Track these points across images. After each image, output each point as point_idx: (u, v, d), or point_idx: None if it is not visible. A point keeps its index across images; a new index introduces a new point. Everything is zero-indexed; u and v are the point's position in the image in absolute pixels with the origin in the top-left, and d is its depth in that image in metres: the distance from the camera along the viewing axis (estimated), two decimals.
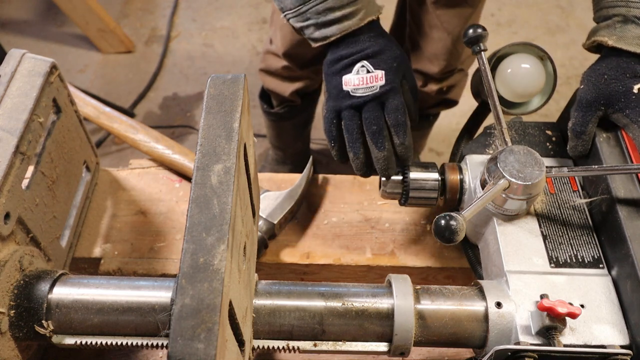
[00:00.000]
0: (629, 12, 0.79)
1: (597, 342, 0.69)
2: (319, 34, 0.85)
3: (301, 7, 0.84)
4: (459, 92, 1.61)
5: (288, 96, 1.62)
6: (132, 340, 0.69)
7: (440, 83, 1.51)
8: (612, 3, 0.81)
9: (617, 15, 0.80)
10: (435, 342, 0.73)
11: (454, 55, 1.41)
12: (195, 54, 2.63)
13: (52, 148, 0.84)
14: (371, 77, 0.83)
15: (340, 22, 0.83)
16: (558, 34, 2.74)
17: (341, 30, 0.83)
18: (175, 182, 1.07)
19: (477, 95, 0.94)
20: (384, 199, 0.89)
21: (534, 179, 0.75)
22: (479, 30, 0.86)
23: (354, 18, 0.83)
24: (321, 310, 0.71)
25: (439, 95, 1.56)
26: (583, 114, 0.82)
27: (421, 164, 0.88)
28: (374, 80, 0.82)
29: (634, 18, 0.79)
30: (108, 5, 2.70)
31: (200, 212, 0.57)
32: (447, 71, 1.46)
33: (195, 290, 0.52)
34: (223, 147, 0.62)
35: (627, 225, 0.73)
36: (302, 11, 0.84)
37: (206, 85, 0.67)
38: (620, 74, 0.79)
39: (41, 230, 0.79)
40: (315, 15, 0.83)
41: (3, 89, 0.76)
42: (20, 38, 2.65)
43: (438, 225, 0.69)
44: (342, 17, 0.83)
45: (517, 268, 0.75)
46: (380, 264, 0.97)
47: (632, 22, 0.79)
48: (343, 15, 0.82)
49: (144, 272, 0.95)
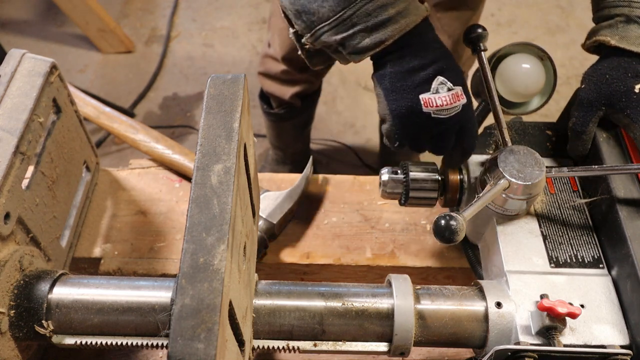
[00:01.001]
0: (632, 12, 0.79)
1: (597, 342, 0.69)
2: (370, 41, 0.71)
3: (345, 11, 0.70)
4: None
5: (288, 99, 1.62)
6: (132, 340, 0.69)
7: None
8: (614, 3, 0.81)
9: (620, 15, 0.80)
10: (435, 342, 0.73)
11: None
12: (195, 54, 2.63)
13: (52, 148, 0.84)
14: (454, 96, 0.72)
15: (396, 21, 0.70)
16: (558, 34, 2.74)
17: (400, 30, 0.70)
18: (175, 182, 1.07)
19: (477, 95, 0.94)
20: (384, 199, 0.89)
21: (534, 179, 0.75)
22: (478, 30, 0.86)
23: (410, 15, 0.71)
24: (321, 310, 0.71)
25: None
26: (584, 113, 0.82)
27: (421, 164, 0.88)
28: (456, 99, 0.72)
29: (636, 18, 0.79)
30: (108, 5, 2.70)
31: (200, 212, 0.57)
32: None
33: (195, 290, 0.52)
34: (223, 147, 0.62)
35: (627, 225, 0.73)
36: (345, 17, 0.70)
37: (206, 85, 0.67)
38: (622, 74, 0.79)
39: (41, 230, 0.79)
40: (364, 17, 0.70)
41: (3, 89, 0.76)
42: (20, 38, 2.65)
43: (438, 225, 0.69)
44: (397, 15, 0.70)
45: (517, 268, 0.75)
46: (380, 264, 0.97)
47: (635, 22, 0.79)
48: (398, 12, 0.70)
49: (144, 272, 0.95)
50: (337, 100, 2.46)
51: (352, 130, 2.35)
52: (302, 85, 1.59)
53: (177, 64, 2.59)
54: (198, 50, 2.64)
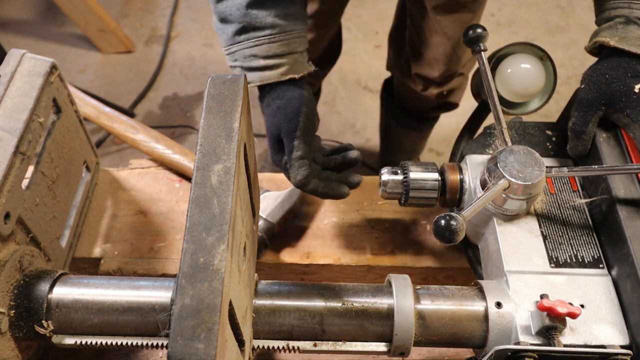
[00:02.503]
0: (632, 13, 0.79)
1: (597, 342, 0.69)
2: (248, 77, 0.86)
3: (231, 47, 0.86)
4: (459, 95, 1.61)
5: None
6: (132, 340, 0.69)
7: (440, 87, 1.51)
8: (614, 4, 0.81)
9: (620, 17, 0.80)
10: (435, 342, 0.73)
11: (454, 60, 1.41)
12: (195, 54, 2.63)
13: (52, 148, 0.84)
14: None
15: (262, 71, 0.85)
16: (558, 34, 2.74)
17: (261, 79, 0.85)
18: (175, 182, 1.07)
19: (477, 95, 0.94)
20: (384, 199, 0.89)
21: (534, 179, 0.75)
22: (478, 30, 0.86)
23: (275, 70, 0.85)
24: (321, 310, 0.71)
25: (439, 98, 1.56)
26: (583, 113, 0.82)
27: (421, 164, 0.88)
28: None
29: (636, 19, 0.79)
30: (108, 5, 2.70)
31: (200, 212, 0.57)
32: (447, 75, 1.46)
33: (195, 290, 0.52)
34: (223, 147, 0.62)
35: (627, 225, 0.73)
36: (231, 51, 0.86)
37: (206, 85, 0.67)
38: (622, 74, 0.79)
39: (41, 230, 0.79)
40: (242, 58, 0.85)
41: (3, 89, 0.76)
42: (20, 38, 2.65)
43: (438, 225, 0.69)
44: (265, 67, 0.84)
45: (517, 268, 0.75)
46: (380, 264, 0.97)
47: (634, 23, 0.79)
48: (266, 65, 0.84)
49: (144, 272, 0.95)
50: (337, 101, 2.46)
51: (352, 131, 2.35)
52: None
53: (177, 64, 2.59)
54: (198, 50, 2.64)
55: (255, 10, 0.83)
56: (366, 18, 2.74)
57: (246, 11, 0.82)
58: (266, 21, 0.83)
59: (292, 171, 0.82)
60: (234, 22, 0.84)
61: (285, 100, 0.85)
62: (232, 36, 0.85)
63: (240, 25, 0.84)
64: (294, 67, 0.86)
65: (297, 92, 0.85)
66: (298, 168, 0.81)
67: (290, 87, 0.86)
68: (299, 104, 0.84)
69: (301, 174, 0.82)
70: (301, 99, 0.84)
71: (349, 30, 2.68)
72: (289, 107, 0.83)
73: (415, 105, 1.66)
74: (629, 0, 0.80)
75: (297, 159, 0.81)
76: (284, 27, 0.84)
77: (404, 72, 1.55)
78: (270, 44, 0.84)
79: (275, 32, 0.84)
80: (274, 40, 0.84)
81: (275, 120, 0.84)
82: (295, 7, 0.86)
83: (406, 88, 1.59)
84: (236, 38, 0.85)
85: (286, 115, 0.83)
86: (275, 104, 0.85)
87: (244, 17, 0.83)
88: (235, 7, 0.83)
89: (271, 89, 0.87)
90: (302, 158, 0.82)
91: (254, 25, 0.83)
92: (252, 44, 0.84)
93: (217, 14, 0.86)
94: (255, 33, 0.84)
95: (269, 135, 0.86)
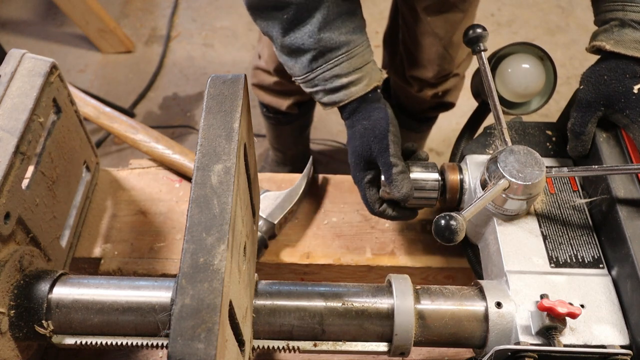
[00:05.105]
0: (626, 15, 0.79)
1: (597, 342, 0.69)
2: (329, 99, 0.87)
3: (308, 74, 0.86)
4: (455, 95, 1.60)
5: (285, 110, 1.61)
6: (132, 340, 0.69)
7: (435, 88, 1.50)
8: (610, 7, 0.81)
9: (615, 20, 0.80)
10: (435, 342, 0.73)
11: (447, 60, 1.41)
12: (195, 54, 2.63)
13: (52, 148, 0.84)
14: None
15: (347, 88, 0.85)
16: (558, 34, 2.74)
17: (348, 96, 0.86)
18: (175, 182, 1.07)
19: (477, 95, 0.94)
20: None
21: (534, 179, 0.75)
22: (478, 30, 0.86)
23: (360, 84, 0.86)
24: (321, 310, 0.71)
25: (435, 99, 1.55)
26: (582, 114, 0.82)
27: (421, 164, 0.88)
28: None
29: (630, 22, 0.79)
30: (108, 5, 2.70)
31: (201, 212, 0.57)
32: (442, 76, 1.46)
33: (195, 290, 0.52)
34: (223, 147, 0.62)
35: (627, 225, 0.73)
36: (309, 78, 0.87)
37: (206, 85, 0.67)
38: (620, 75, 0.79)
39: (41, 230, 0.79)
40: (322, 82, 0.86)
41: (3, 89, 0.76)
42: (20, 38, 2.65)
43: (438, 225, 0.69)
44: (349, 84, 0.85)
45: (517, 268, 0.75)
46: (380, 264, 0.97)
47: (629, 26, 0.79)
48: (350, 81, 0.85)
49: (144, 272, 0.95)
50: None
51: None
52: (297, 95, 1.57)
53: (177, 64, 2.59)
54: (198, 50, 2.64)
55: (327, 33, 0.83)
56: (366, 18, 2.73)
57: (319, 36, 0.82)
58: (340, 40, 0.83)
59: (394, 186, 0.83)
60: (308, 51, 0.84)
61: (372, 121, 0.85)
62: (308, 64, 0.85)
63: (316, 52, 0.84)
64: (372, 76, 0.87)
65: (382, 112, 0.86)
66: (401, 181, 0.83)
67: (374, 106, 0.87)
68: (385, 124, 0.84)
69: (406, 187, 0.83)
70: (386, 118, 0.85)
71: None
72: (377, 129, 0.84)
73: (412, 106, 1.66)
74: (623, 3, 0.80)
75: (398, 173, 0.83)
76: (356, 40, 0.85)
77: (398, 73, 1.55)
78: (349, 60, 0.84)
79: (350, 48, 0.84)
80: (351, 55, 0.84)
81: (364, 141, 0.85)
82: (358, 19, 0.87)
83: (402, 89, 1.59)
84: (313, 65, 0.85)
85: (375, 137, 0.84)
86: (362, 125, 0.86)
87: (319, 43, 0.83)
88: (307, 35, 0.83)
89: (356, 109, 0.87)
90: (403, 172, 0.83)
91: (329, 47, 0.83)
92: (332, 65, 0.84)
93: (284, 47, 0.86)
94: (332, 54, 0.84)
95: (356, 154, 0.86)
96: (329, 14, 0.82)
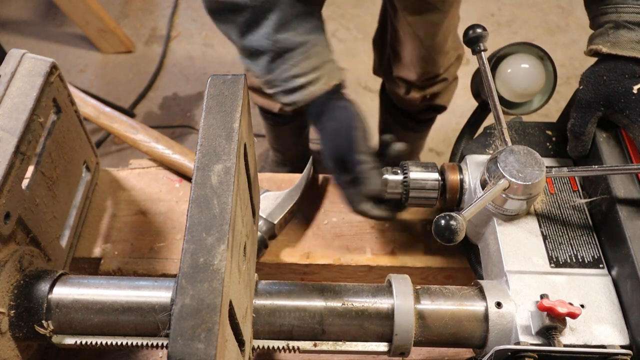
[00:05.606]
0: (620, 17, 0.79)
1: (597, 342, 0.69)
2: (288, 100, 0.87)
3: (268, 75, 0.87)
4: (446, 98, 1.59)
5: (278, 112, 1.62)
6: (132, 340, 0.69)
7: (422, 91, 1.49)
8: (603, 10, 0.82)
9: (609, 22, 0.81)
10: (435, 342, 0.73)
11: (429, 63, 1.40)
12: (195, 54, 2.63)
13: (52, 148, 0.84)
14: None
15: (305, 88, 0.86)
16: (558, 34, 2.74)
17: (306, 95, 0.86)
18: (175, 182, 1.07)
19: (477, 95, 0.94)
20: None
21: (534, 179, 0.75)
22: (478, 30, 0.86)
23: (318, 83, 0.85)
24: (321, 310, 0.71)
25: (424, 102, 1.55)
26: (582, 114, 0.82)
27: (421, 164, 0.88)
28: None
29: (624, 23, 0.79)
30: (108, 5, 2.70)
31: (201, 212, 0.57)
32: (426, 79, 1.45)
33: (195, 290, 0.52)
34: (223, 147, 0.62)
35: (627, 225, 0.73)
36: (269, 79, 0.87)
37: (206, 85, 0.67)
38: (619, 75, 0.79)
39: (41, 230, 0.79)
40: (281, 82, 0.86)
41: (3, 89, 0.76)
42: (20, 38, 2.65)
43: (438, 225, 0.69)
44: (307, 84, 0.85)
45: (517, 268, 0.75)
46: (380, 264, 0.97)
47: (624, 27, 0.79)
48: (308, 81, 0.85)
49: (144, 272, 0.95)
50: None
51: None
52: None
53: (177, 64, 2.59)
54: (198, 50, 2.64)
55: (283, 34, 0.83)
56: (366, 18, 2.74)
57: (275, 38, 0.83)
58: (296, 40, 0.84)
59: (367, 182, 0.83)
60: (266, 52, 0.85)
61: (337, 121, 0.85)
62: (266, 65, 0.86)
63: (273, 53, 0.84)
64: (332, 74, 0.87)
65: (346, 111, 0.86)
66: (371, 178, 0.83)
67: (337, 105, 0.87)
68: (350, 122, 0.85)
69: (375, 182, 0.83)
70: (351, 116, 0.85)
71: (349, 30, 2.68)
72: (343, 128, 0.84)
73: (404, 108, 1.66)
74: (615, 5, 0.80)
75: (367, 170, 0.83)
76: (313, 40, 0.85)
77: (387, 75, 1.55)
78: (307, 60, 0.84)
79: (307, 48, 0.84)
80: (308, 56, 0.84)
81: (334, 144, 0.85)
82: (315, 20, 0.87)
83: (392, 91, 1.59)
84: (271, 66, 0.86)
85: (342, 136, 0.84)
86: (330, 126, 0.86)
87: (275, 44, 0.83)
88: (264, 37, 0.84)
89: (321, 111, 0.87)
90: (373, 168, 0.83)
91: (286, 48, 0.84)
92: (289, 66, 0.84)
93: (244, 50, 0.87)
94: (289, 54, 0.84)
95: (332, 158, 0.86)
96: (284, 16, 0.83)
